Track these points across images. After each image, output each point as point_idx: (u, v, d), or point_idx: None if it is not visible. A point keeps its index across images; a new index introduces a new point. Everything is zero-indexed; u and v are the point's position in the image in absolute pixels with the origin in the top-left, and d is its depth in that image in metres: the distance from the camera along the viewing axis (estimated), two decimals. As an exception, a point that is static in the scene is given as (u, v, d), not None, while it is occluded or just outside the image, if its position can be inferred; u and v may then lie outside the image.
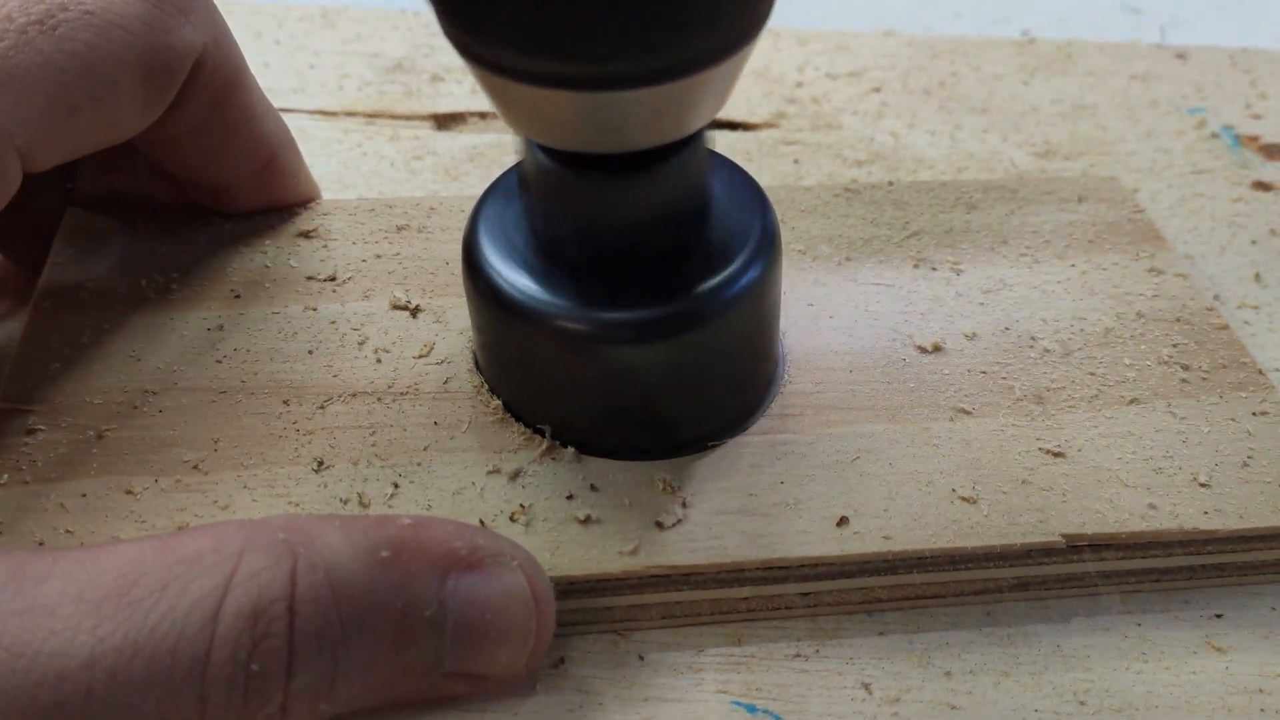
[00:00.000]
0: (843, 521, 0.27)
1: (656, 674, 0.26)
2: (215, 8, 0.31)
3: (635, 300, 0.26)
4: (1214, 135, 0.45)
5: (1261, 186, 0.42)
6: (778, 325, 0.30)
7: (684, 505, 0.27)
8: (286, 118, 0.34)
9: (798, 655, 0.27)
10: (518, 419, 0.29)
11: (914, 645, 0.27)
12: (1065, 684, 0.26)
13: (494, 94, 0.24)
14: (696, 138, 0.26)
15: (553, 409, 0.28)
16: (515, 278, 0.26)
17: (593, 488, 0.27)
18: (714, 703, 0.26)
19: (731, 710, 0.26)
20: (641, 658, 0.27)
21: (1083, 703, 0.26)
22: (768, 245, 0.27)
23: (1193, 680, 0.27)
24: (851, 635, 0.27)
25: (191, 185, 0.33)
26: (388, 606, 0.22)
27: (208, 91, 0.30)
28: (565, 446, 0.28)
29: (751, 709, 0.26)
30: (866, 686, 0.26)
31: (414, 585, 0.23)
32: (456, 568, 0.23)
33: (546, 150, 0.25)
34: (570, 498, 0.27)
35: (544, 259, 0.27)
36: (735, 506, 0.27)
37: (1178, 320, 0.32)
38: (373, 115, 0.45)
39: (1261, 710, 0.26)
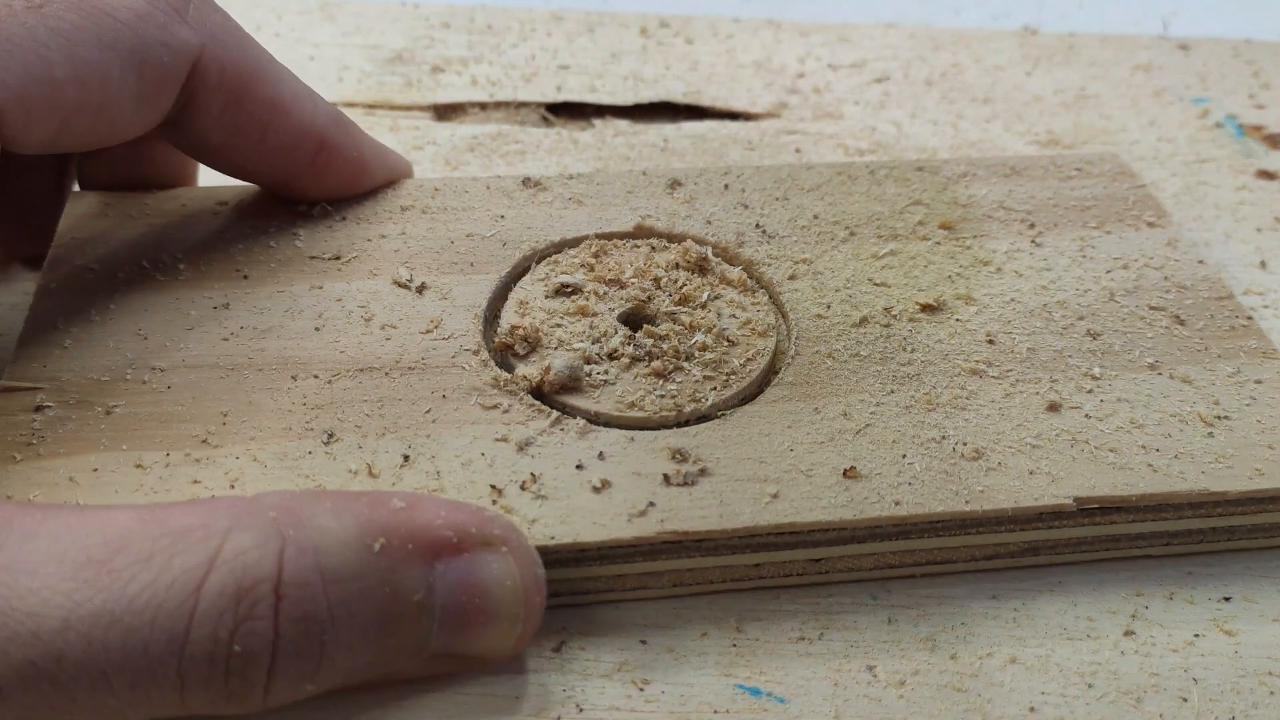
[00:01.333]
0: (851, 481, 0.27)
1: (660, 657, 0.26)
2: (219, 10, 0.31)
3: None
4: (1217, 125, 0.44)
5: (1266, 175, 0.42)
6: None
7: (701, 472, 0.27)
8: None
9: (802, 638, 0.26)
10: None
11: (919, 628, 0.27)
12: (1072, 666, 0.26)
13: None
14: None
15: None
16: None
17: (601, 456, 0.27)
18: (719, 685, 0.25)
19: (736, 693, 0.25)
20: (644, 641, 0.26)
21: (1090, 685, 0.26)
22: None
23: (1201, 663, 0.26)
24: (856, 618, 0.27)
25: (263, 186, 0.33)
26: (376, 591, 0.22)
27: (221, 92, 0.30)
28: (574, 418, 0.28)
29: (756, 692, 0.25)
30: (872, 669, 0.26)
31: (404, 570, 0.23)
32: (447, 553, 0.23)
33: None
34: (580, 467, 0.27)
35: None
36: (746, 474, 0.27)
37: (1181, 288, 0.32)
38: (373, 106, 0.45)
39: (1271, 694, 0.26)
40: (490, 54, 0.48)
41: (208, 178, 0.35)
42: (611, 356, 0.29)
